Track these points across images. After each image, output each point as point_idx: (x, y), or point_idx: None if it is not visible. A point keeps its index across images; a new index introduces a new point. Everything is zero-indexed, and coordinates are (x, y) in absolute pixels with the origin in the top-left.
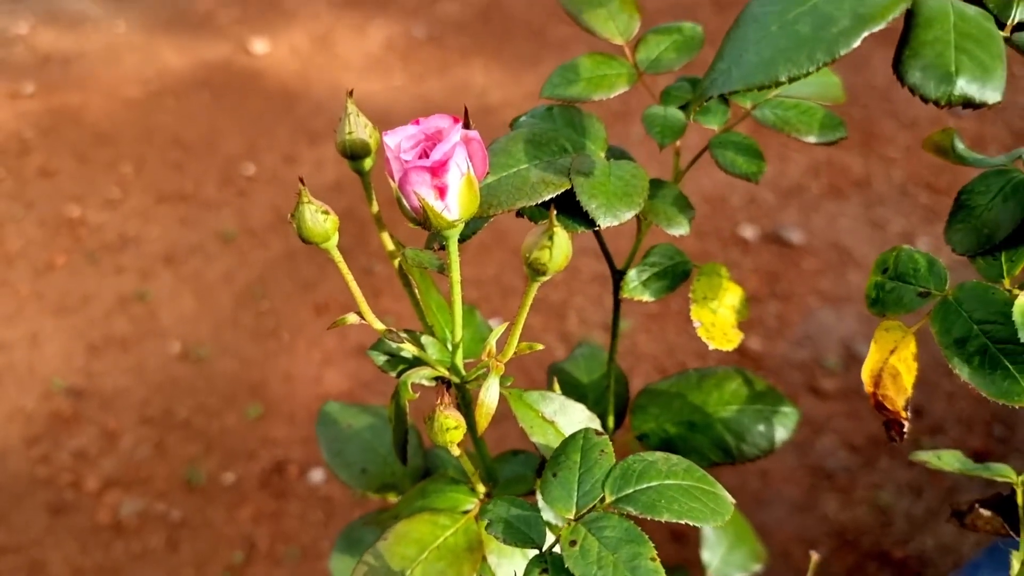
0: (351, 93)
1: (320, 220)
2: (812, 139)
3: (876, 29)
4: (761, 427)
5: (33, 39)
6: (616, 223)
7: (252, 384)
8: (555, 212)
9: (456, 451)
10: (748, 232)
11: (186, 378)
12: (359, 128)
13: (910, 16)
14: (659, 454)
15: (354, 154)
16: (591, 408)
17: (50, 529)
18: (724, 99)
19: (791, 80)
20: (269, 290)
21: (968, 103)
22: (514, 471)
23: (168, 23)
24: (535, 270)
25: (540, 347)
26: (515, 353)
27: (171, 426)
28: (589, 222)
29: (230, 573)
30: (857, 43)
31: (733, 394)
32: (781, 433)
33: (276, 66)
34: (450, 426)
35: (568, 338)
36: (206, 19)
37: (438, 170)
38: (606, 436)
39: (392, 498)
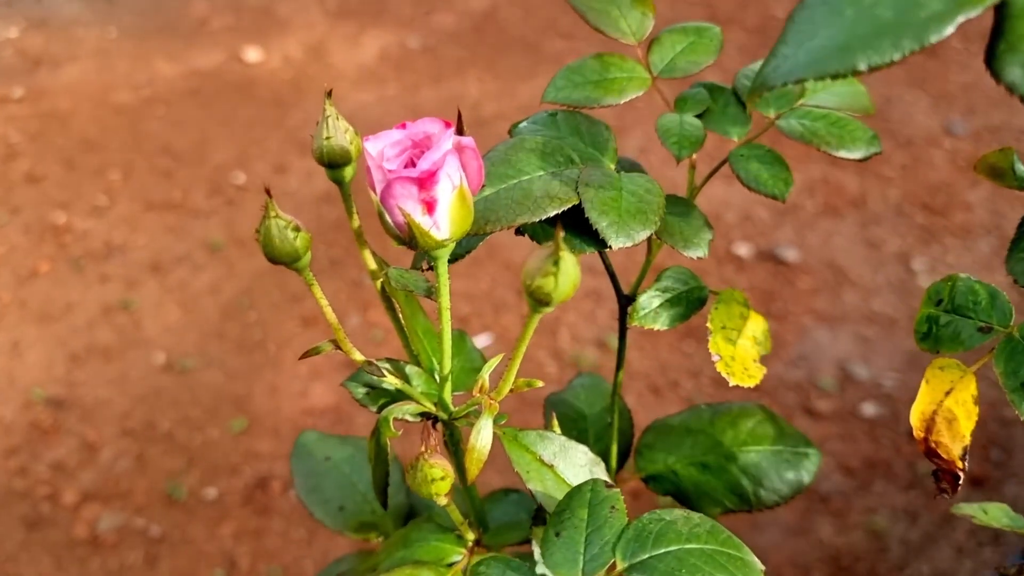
0: (330, 93)
1: (289, 237)
2: (844, 153)
3: (972, 15)
4: (782, 471)
5: (23, 43)
6: (630, 244)
7: (237, 397)
8: (562, 232)
9: (443, 502)
10: (743, 250)
11: (169, 390)
12: (338, 133)
13: (1002, 7)
14: (678, 512)
15: (332, 162)
16: (593, 446)
17: (25, 544)
18: (744, 107)
19: (871, 69)
20: (256, 301)
21: None
22: (506, 513)
23: (160, 30)
24: (538, 300)
25: (540, 384)
26: (512, 390)
27: (153, 439)
28: (599, 242)
29: None
30: (951, 30)
31: (750, 433)
32: (804, 477)
33: (269, 75)
34: (435, 476)
35: (559, 355)
36: (199, 26)
37: (426, 182)
38: (617, 490)
39: (372, 538)
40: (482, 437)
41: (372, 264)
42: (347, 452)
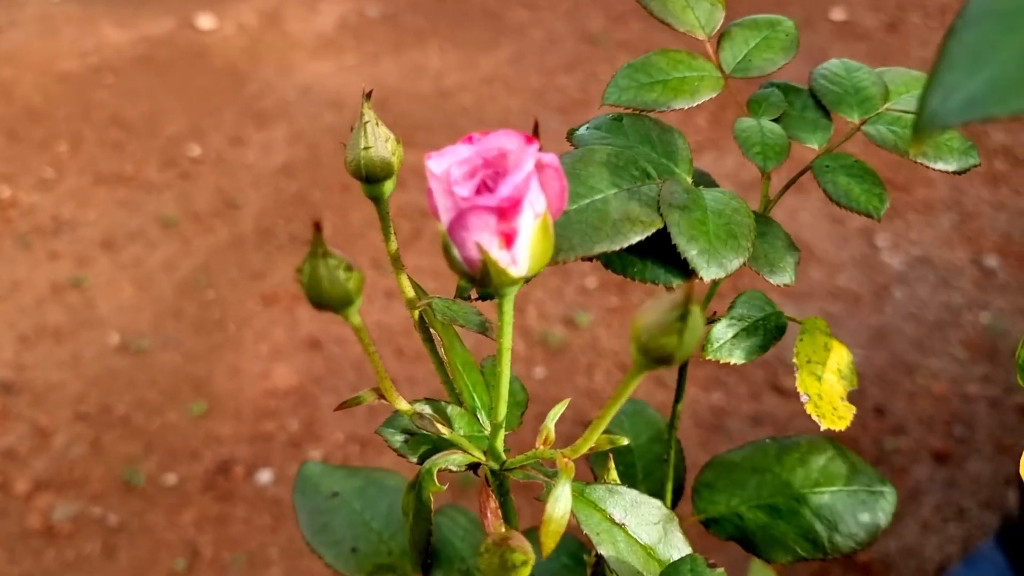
0: (369, 95)
1: (340, 279)
2: (940, 165)
3: None
4: (858, 513)
5: None
6: (723, 274)
7: (195, 379)
8: (694, 287)
9: None
10: None
11: (125, 372)
12: (379, 142)
13: None
14: None
15: (371, 176)
16: (642, 482)
17: None
18: (825, 111)
19: None
20: (214, 279)
21: None
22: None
23: None
24: (656, 359)
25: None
26: (591, 448)
27: (108, 423)
28: (683, 271)
29: None
30: None
31: (822, 471)
32: (881, 519)
33: (223, 43)
34: (517, 562)
35: (527, 333)
36: None
37: (508, 212)
38: (722, 570)
39: None
40: (560, 507)
41: (410, 292)
42: (356, 485)
